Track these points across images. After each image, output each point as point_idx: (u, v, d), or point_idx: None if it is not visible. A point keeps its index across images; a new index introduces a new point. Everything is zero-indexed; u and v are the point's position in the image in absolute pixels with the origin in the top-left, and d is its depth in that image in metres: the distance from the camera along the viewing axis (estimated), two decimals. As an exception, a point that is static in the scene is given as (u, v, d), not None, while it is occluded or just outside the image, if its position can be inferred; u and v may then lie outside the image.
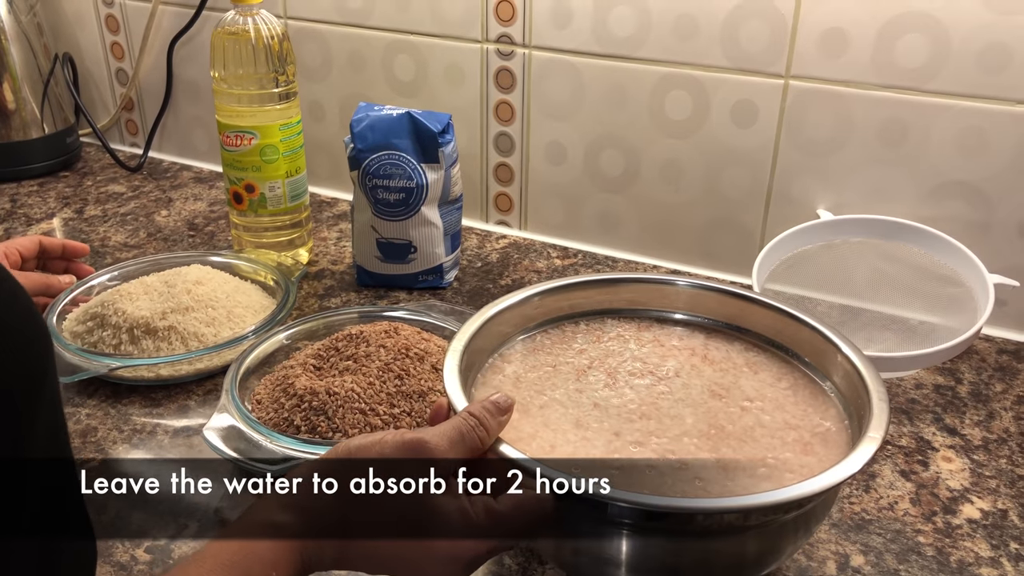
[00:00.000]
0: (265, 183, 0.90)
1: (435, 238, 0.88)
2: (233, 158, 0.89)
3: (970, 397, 0.75)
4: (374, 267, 0.89)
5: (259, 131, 0.87)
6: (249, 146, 0.87)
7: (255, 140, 0.87)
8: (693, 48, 0.88)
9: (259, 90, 0.86)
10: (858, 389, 0.53)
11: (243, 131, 0.87)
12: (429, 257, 0.88)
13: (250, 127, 0.87)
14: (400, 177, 0.85)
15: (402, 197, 0.85)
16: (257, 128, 0.87)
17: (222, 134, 0.89)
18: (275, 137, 0.88)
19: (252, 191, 0.90)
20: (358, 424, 0.64)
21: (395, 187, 0.85)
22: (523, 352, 0.61)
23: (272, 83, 0.87)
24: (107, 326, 0.76)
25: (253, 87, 0.86)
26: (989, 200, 0.81)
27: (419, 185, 0.85)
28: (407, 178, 0.85)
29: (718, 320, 0.63)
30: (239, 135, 0.87)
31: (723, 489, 0.49)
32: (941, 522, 0.61)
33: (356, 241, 0.90)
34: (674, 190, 0.95)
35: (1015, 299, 0.83)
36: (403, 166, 0.85)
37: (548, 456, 0.51)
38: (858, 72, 0.82)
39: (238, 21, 0.85)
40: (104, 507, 0.61)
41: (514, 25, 0.95)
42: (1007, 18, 0.75)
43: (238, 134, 0.87)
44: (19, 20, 1.16)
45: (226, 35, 0.85)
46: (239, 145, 0.87)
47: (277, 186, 0.90)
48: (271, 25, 0.86)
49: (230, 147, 0.88)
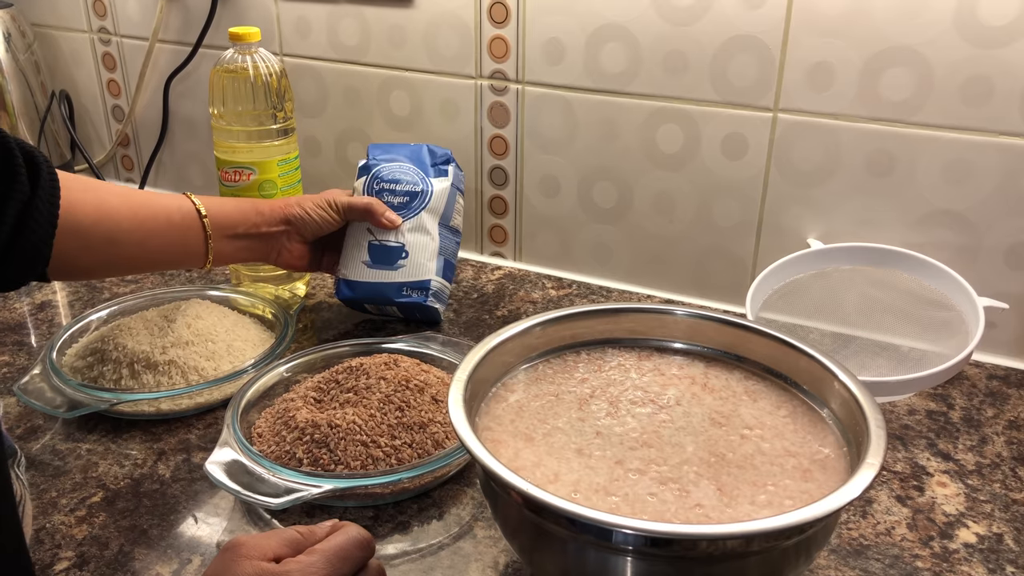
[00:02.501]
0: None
1: (428, 249, 0.87)
2: (231, 193, 0.90)
3: (962, 422, 0.76)
4: (359, 274, 0.87)
5: (257, 166, 0.89)
6: (248, 181, 0.88)
7: (253, 175, 0.88)
8: (683, 83, 0.90)
9: (258, 126, 0.88)
10: (856, 416, 0.54)
11: (242, 167, 0.88)
12: (418, 268, 0.87)
13: (248, 163, 0.88)
14: (407, 182, 0.88)
15: (406, 200, 0.88)
16: (255, 164, 0.88)
17: (221, 170, 0.89)
18: (273, 172, 0.89)
19: None
20: (360, 456, 0.65)
21: (401, 191, 0.88)
22: (526, 381, 0.62)
23: (271, 119, 0.88)
24: (107, 361, 0.76)
25: (252, 124, 0.88)
26: (976, 228, 0.83)
27: (424, 191, 0.88)
28: (414, 184, 0.88)
29: (717, 349, 0.64)
30: (238, 171, 0.88)
31: (724, 516, 0.50)
32: (938, 547, 0.62)
33: (345, 250, 0.88)
34: (666, 221, 0.96)
35: (1005, 322, 0.84)
36: (412, 174, 0.89)
37: (552, 484, 0.52)
38: (845, 105, 0.84)
39: (237, 59, 0.87)
40: (107, 543, 0.61)
41: (507, 61, 0.97)
42: (988, 52, 0.77)
43: (237, 170, 0.88)
44: (17, 58, 1.17)
45: (225, 73, 0.87)
46: (238, 181, 0.88)
47: None
48: (269, 63, 0.88)
49: (229, 183, 0.89)
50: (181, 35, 1.16)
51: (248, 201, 0.83)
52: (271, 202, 0.84)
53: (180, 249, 0.78)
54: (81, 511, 0.64)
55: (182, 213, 0.77)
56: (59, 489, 0.67)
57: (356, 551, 0.47)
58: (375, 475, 0.63)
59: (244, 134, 0.88)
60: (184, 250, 0.78)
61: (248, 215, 0.81)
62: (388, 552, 0.61)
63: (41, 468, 0.69)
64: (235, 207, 0.81)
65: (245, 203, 0.83)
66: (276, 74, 0.88)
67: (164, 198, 0.78)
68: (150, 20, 1.17)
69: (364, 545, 0.48)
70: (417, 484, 0.65)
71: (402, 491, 0.65)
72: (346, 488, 0.62)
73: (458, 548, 0.61)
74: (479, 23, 0.97)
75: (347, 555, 0.46)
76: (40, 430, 0.74)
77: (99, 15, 1.22)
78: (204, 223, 0.78)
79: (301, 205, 0.84)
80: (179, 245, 0.78)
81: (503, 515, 0.54)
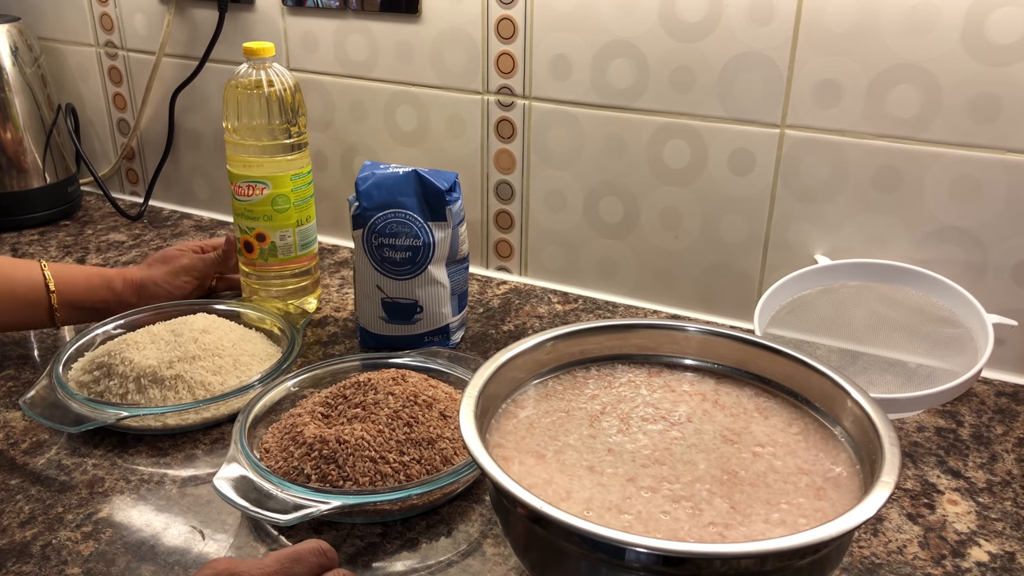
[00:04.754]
0: (276, 232, 0.90)
1: (442, 297, 0.86)
2: (244, 208, 0.90)
3: (972, 439, 0.75)
4: (379, 328, 0.87)
5: (271, 181, 0.88)
6: (261, 196, 0.88)
7: (267, 190, 0.88)
8: (690, 99, 0.90)
9: (272, 141, 0.87)
10: (869, 434, 0.53)
11: (255, 181, 0.88)
12: (435, 317, 0.86)
13: (262, 177, 0.88)
14: (407, 235, 0.83)
15: (408, 256, 0.83)
16: (269, 178, 0.88)
17: (234, 184, 0.89)
18: (287, 187, 0.89)
19: (263, 240, 0.90)
20: (368, 472, 0.64)
21: (401, 245, 0.83)
22: (536, 398, 0.62)
23: (284, 134, 0.88)
24: (114, 375, 0.76)
25: (266, 138, 0.87)
26: (983, 245, 0.83)
27: (426, 244, 0.83)
28: (414, 236, 0.83)
29: (728, 365, 0.64)
30: (251, 185, 0.88)
31: (738, 535, 0.50)
32: (951, 565, 0.61)
33: (359, 302, 0.87)
34: (673, 237, 0.96)
35: (1013, 339, 0.84)
36: (410, 224, 0.83)
37: (565, 502, 0.52)
38: (852, 122, 0.84)
39: (251, 74, 0.87)
40: (113, 560, 0.61)
41: (514, 77, 0.98)
42: (995, 70, 0.77)
43: (250, 184, 0.88)
44: (23, 72, 1.17)
45: (240, 87, 0.87)
46: (251, 195, 0.88)
47: (288, 235, 0.91)
48: (283, 77, 0.87)
49: (242, 197, 0.89)
50: (188, 49, 1.17)
51: (100, 276, 0.88)
52: (125, 276, 0.89)
53: (26, 317, 0.84)
54: (87, 527, 0.64)
55: (28, 286, 0.82)
56: (65, 504, 0.66)
57: (310, 556, 0.52)
58: (384, 491, 0.62)
59: (258, 148, 0.88)
60: (31, 319, 0.84)
61: (98, 291, 0.87)
62: (396, 569, 0.60)
63: (47, 483, 0.69)
64: (86, 283, 0.86)
65: (96, 278, 0.88)
66: (290, 89, 0.88)
67: (13, 269, 0.83)
68: (156, 34, 1.17)
69: (319, 552, 0.53)
70: (426, 500, 0.65)
71: (411, 507, 0.65)
72: (355, 504, 0.61)
73: (467, 565, 0.61)
74: (486, 39, 0.97)
75: (299, 557, 0.52)
76: (46, 444, 0.73)
77: (106, 29, 1.22)
78: (51, 297, 0.83)
79: (153, 280, 0.90)
80: (25, 314, 0.83)
81: (514, 533, 0.53)
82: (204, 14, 1.13)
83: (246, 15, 1.10)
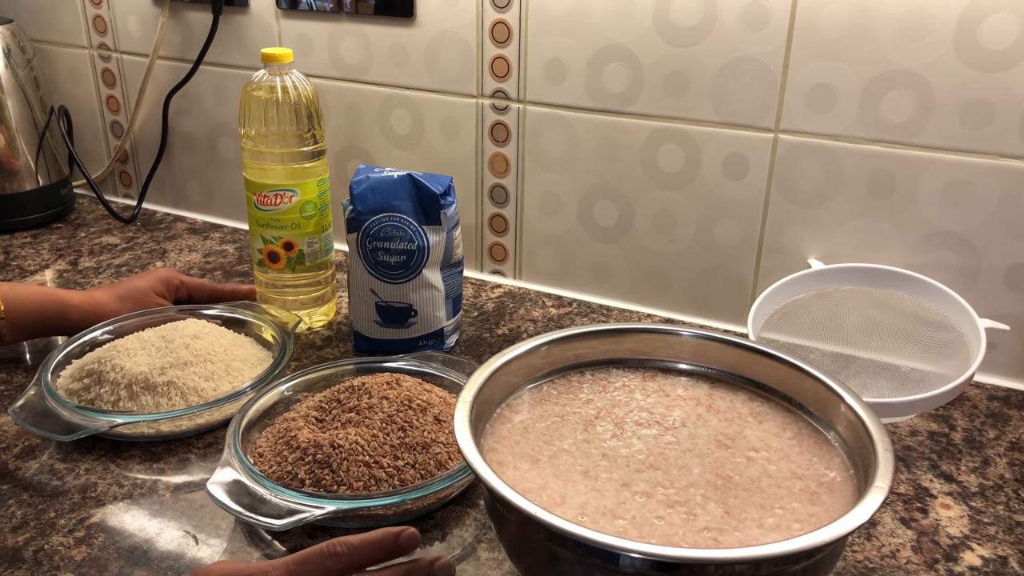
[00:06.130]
0: (304, 239, 0.89)
1: (436, 301, 0.86)
2: (271, 217, 0.87)
3: (964, 444, 0.76)
4: (372, 332, 0.87)
5: (299, 188, 0.87)
6: (290, 204, 0.86)
7: (296, 197, 0.86)
8: (684, 103, 0.90)
9: (294, 148, 0.86)
10: (862, 439, 0.54)
11: (284, 189, 0.86)
12: (430, 321, 0.86)
13: (291, 185, 0.86)
14: (401, 239, 0.82)
15: (403, 260, 0.83)
16: (297, 185, 0.87)
17: (257, 193, 0.87)
18: (313, 193, 0.88)
19: (291, 248, 0.89)
20: (362, 477, 0.64)
21: (396, 249, 0.83)
22: (530, 402, 0.62)
23: (311, 140, 0.86)
24: (105, 382, 0.75)
25: (289, 145, 0.86)
26: (976, 249, 0.83)
27: (420, 247, 0.83)
28: (408, 240, 0.82)
29: (722, 370, 0.64)
30: (279, 193, 0.86)
31: (732, 540, 0.50)
32: (944, 569, 0.62)
33: (353, 306, 0.87)
34: (667, 240, 0.96)
35: (1005, 344, 0.84)
36: (404, 228, 0.82)
37: (559, 507, 0.52)
38: (846, 126, 0.85)
39: (273, 80, 0.85)
40: (106, 565, 0.60)
41: (509, 81, 0.98)
42: (988, 75, 0.78)
43: (277, 192, 0.86)
44: (16, 74, 1.17)
45: (259, 93, 0.85)
46: (278, 204, 0.86)
47: (315, 241, 0.90)
48: (302, 84, 0.86)
49: (267, 206, 0.87)
50: (181, 52, 1.16)
51: (57, 302, 0.85)
52: (81, 305, 0.86)
53: None
54: (80, 532, 0.64)
55: None
56: (57, 509, 0.66)
57: (321, 558, 0.50)
58: (378, 496, 0.62)
59: (278, 156, 0.86)
60: None
61: (52, 320, 0.85)
62: (391, 574, 0.60)
63: (39, 488, 0.68)
64: (40, 310, 0.84)
65: (52, 304, 0.85)
66: (310, 95, 0.86)
67: None
68: (150, 37, 1.17)
69: (329, 555, 0.50)
70: (420, 505, 0.65)
71: (405, 512, 0.65)
72: (349, 509, 0.61)
73: (462, 570, 0.61)
74: (481, 42, 0.97)
75: (307, 559, 0.50)
76: (38, 449, 0.73)
77: (99, 31, 1.22)
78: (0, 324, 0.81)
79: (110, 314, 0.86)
80: None
81: (508, 538, 0.53)
82: (198, 17, 1.13)
83: (240, 18, 1.10)
